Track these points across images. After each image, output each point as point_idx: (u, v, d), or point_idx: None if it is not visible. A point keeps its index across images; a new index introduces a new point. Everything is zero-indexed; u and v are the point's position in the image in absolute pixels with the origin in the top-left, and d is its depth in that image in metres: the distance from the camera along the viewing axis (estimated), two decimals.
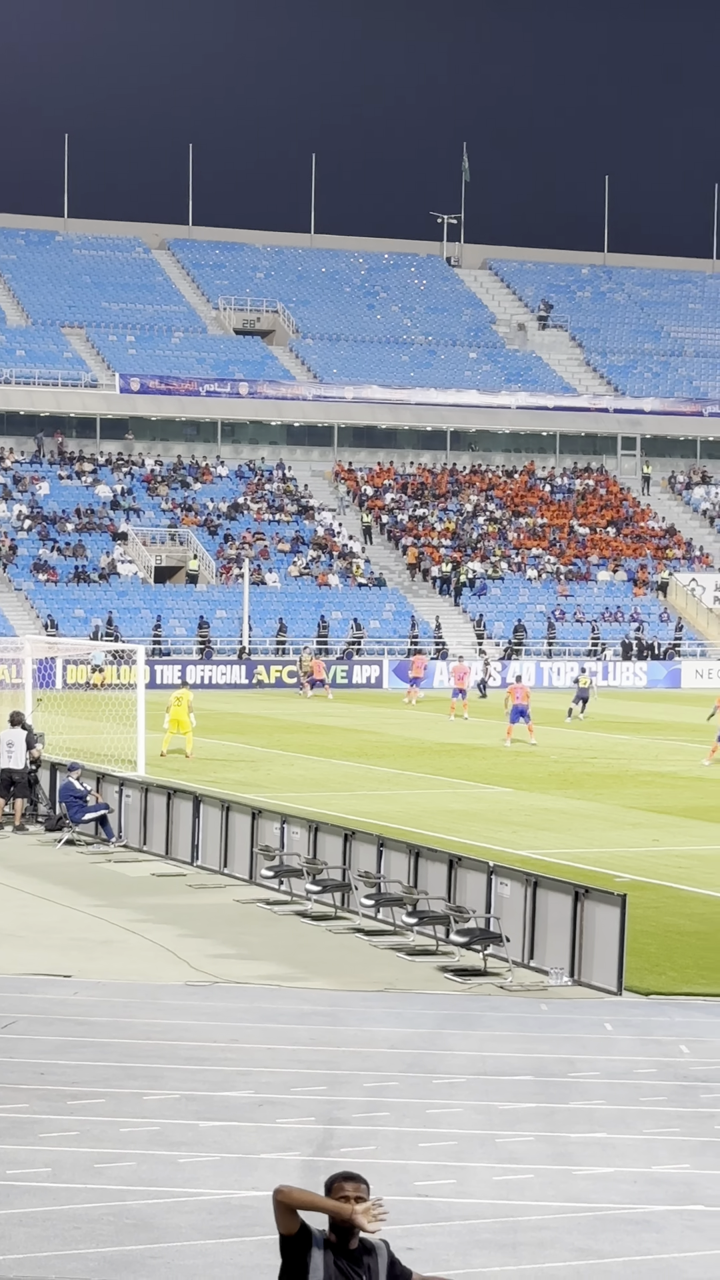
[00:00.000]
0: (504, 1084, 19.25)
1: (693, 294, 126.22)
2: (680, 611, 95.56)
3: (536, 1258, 14.27)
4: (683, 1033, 21.71)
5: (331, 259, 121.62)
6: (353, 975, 24.67)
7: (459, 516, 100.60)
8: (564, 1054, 20.62)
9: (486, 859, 26.97)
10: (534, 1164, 16.68)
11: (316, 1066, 19.84)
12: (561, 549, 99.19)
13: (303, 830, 29.81)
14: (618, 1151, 17.08)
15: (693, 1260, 14.25)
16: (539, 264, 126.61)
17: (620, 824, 38.73)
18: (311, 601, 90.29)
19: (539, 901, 24.71)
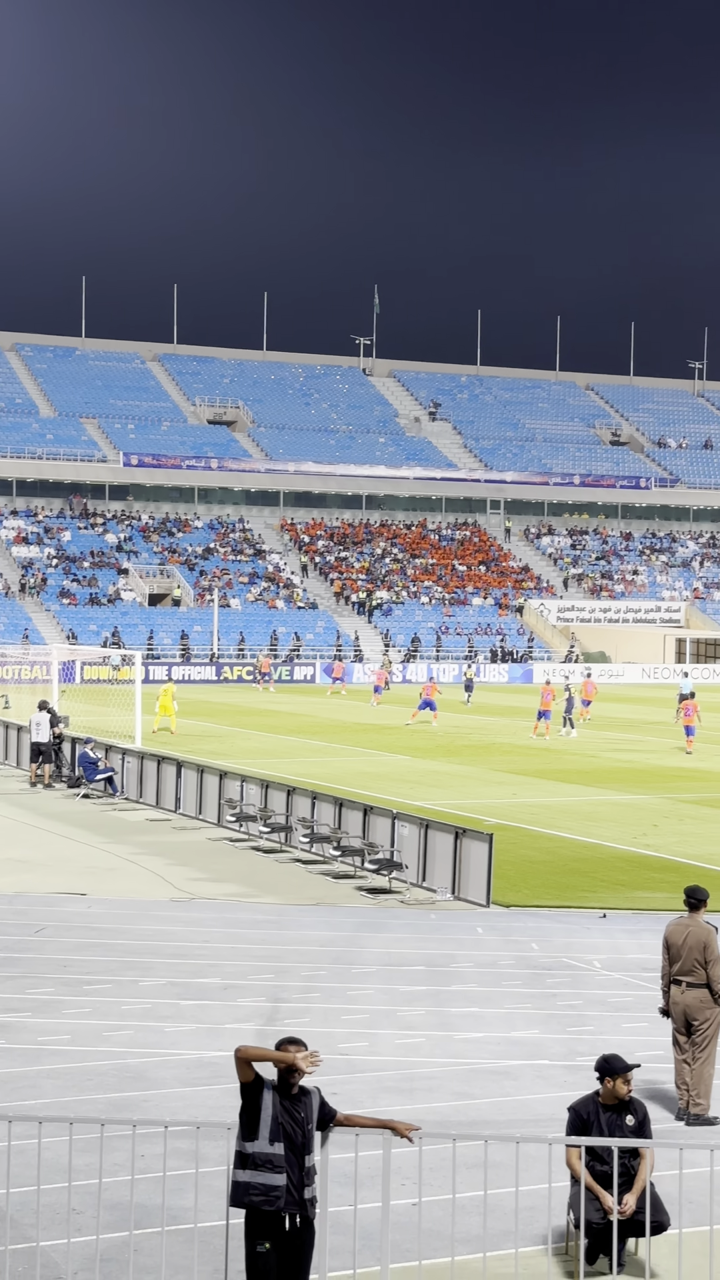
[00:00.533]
0: (403, 973, 19.24)
1: (541, 396, 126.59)
2: (532, 628, 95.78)
3: (427, 1100, 14.28)
4: (534, 934, 21.75)
5: (278, 369, 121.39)
6: (293, 893, 24.64)
7: (371, 558, 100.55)
8: (447, 950, 20.64)
9: (391, 808, 26.98)
10: (425, 1030, 16.68)
11: (266, 960, 19.79)
12: (446, 581, 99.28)
13: (257, 787, 29.75)
14: (486, 1021, 17.10)
15: (541, 1100, 14.28)
16: (430, 373, 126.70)
17: (489, 782, 38.79)
18: (264, 620, 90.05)
19: (429, 839, 24.73)
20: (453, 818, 29.28)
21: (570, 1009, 17.70)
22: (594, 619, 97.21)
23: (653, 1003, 17.96)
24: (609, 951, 20.68)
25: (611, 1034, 16.51)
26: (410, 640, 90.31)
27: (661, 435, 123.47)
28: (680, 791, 37.61)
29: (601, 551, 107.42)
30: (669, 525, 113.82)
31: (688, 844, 29.41)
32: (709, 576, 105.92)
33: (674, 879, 25.70)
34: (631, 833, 30.71)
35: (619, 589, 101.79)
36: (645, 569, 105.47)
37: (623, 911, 23.46)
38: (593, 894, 24.65)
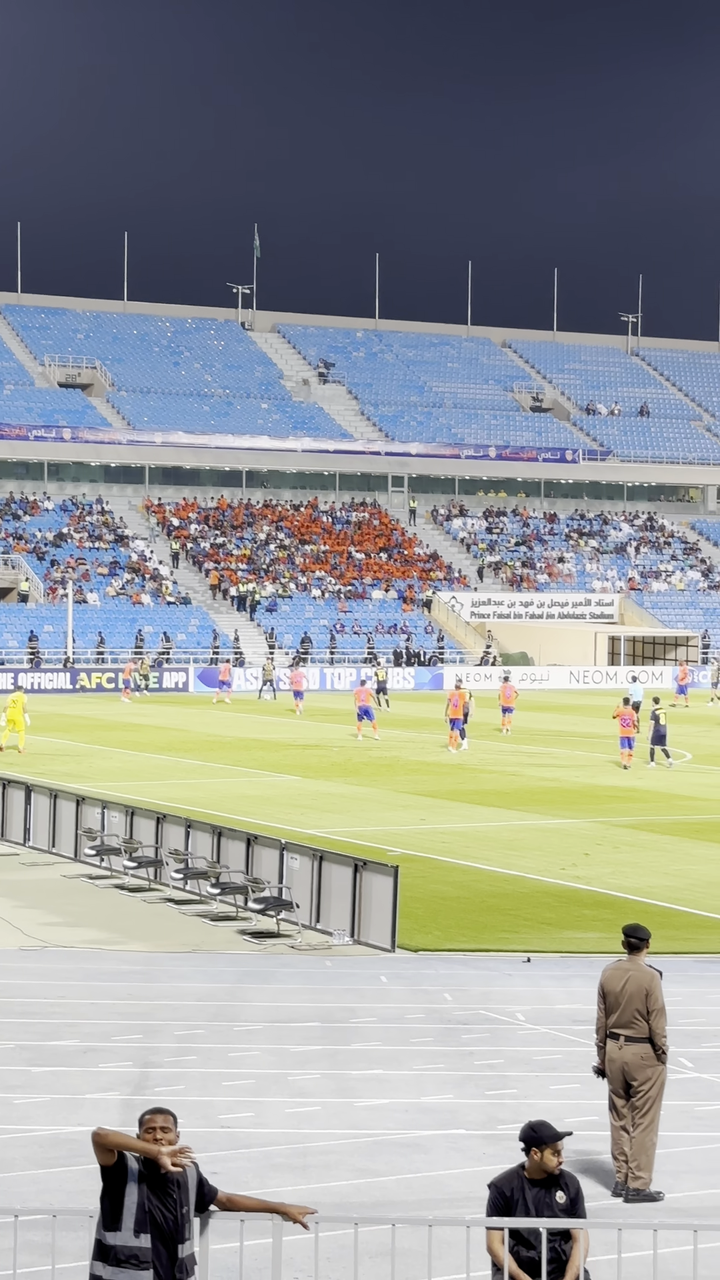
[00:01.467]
0: (295, 1030, 19.27)
1: (451, 354, 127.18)
2: (442, 625, 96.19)
3: (324, 1178, 14.31)
4: (446, 983, 21.85)
5: (142, 323, 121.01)
6: (165, 939, 24.58)
7: (253, 544, 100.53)
8: (346, 1003, 20.69)
9: (279, 837, 26.99)
10: (320, 1098, 16.71)
11: (133, 1018, 19.75)
12: (341, 572, 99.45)
13: (121, 815, 29.64)
14: (392, 1085, 17.16)
15: (456, 1176, 14.35)
16: (320, 328, 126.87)
17: (393, 806, 38.90)
18: (127, 618, 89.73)
19: (324, 873, 24.77)
20: (351, 848, 29.33)
21: (490, 1069, 17.80)
22: (514, 615, 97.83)
23: (585, 1060, 18.11)
24: (533, 1001, 20.81)
25: (538, 1097, 16.62)
26: (299, 640, 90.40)
27: (590, 400, 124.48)
28: (614, 815, 37.94)
29: (522, 536, 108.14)
30: (599, 505, 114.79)
31: (623, 875, 29.68)
32: (645, 564, 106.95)
33: (608, 916, 25.92)
34: (559, 863, 30.93)
35: (542, 580, 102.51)
36: (573, 556, 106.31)
37: (549, 954, 23.62)
38: (514, 935, 24.80)
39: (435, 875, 29.36)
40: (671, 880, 29.33)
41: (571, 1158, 12.87)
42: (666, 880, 29.31)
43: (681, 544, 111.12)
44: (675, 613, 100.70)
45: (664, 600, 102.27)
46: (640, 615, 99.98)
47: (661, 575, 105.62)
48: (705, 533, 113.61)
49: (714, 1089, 17.17)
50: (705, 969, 22.55)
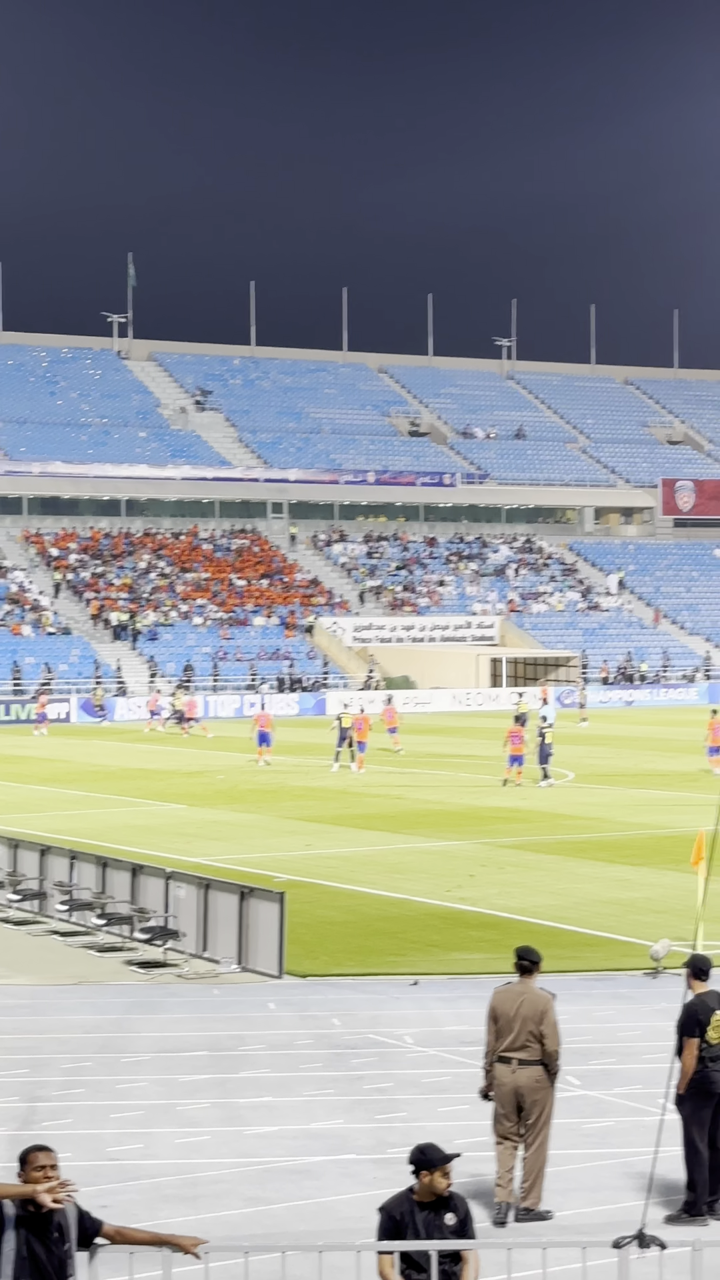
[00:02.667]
0: (183, 1059, 19.19)
1: (327, 381, 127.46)
2: (325, 650, 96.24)
3: (214, 1208, 14.25)
4: (335, 1008, 21.84)
5: (17, 353, 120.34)
6: (50, 972, 24.41)
7: (134, 573, 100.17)
8: (234, 1031, 20.63)
9: (164, 866, 26.90)
10: (210, 1127, 16.65)
11: (20, 1052, 19.58)
12: (222, 599, 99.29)
13: (4, 848, 29.41)
14: (281, 1112, 17.13)
15: (346, 1202, 14.34)
16: (197, 356, 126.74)
17: (278, 832, 38.87)
18: (7, 649, 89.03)
19: (210, 901, 24.70)
20: (237, 875, 29.26)
21: (379, 1093, 17.80)
22: (395, 639, 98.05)
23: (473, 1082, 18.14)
24: (422, 1024, 20.85)
25: (427, 1120, 16.64)
26: (183, 668, 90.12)
27: (467, 424, 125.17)
28: (499, 835, 38.11)
29: (402, 560, 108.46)
30: (478, 528, 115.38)
31: (508, 896, 29.81)
32: (525, 586, 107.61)
33: (494, 936, 26.03)
34: (444, 885, 31.01)
35: (423, 603, 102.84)
36: (453, 579, 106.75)
37: (436, 977, 23.67)
38: (402, 958, 24.83)
39: (322, 900, 29.35)
40: (556, 899, 29.49)
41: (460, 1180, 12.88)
42: (551, 899, 29.47)
43: (559, 565, 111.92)
44: (555, 633, 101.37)
45: (543, 621, 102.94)
46: (520, 636, 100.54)
47: (540, 597, 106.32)
48: (583, 554, 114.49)
49: (600, 1106, 17.28)
50: (590, 987, 22.69)
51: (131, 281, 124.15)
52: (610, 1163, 15.47)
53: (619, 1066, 18.75)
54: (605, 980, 23.31)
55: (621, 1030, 20.42)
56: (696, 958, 14.83)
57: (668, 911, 28.01)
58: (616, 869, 33.04)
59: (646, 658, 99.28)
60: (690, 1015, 14.29)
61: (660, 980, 23.12)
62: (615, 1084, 18.04)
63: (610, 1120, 16.82)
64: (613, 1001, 21.94)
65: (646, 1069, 18.42)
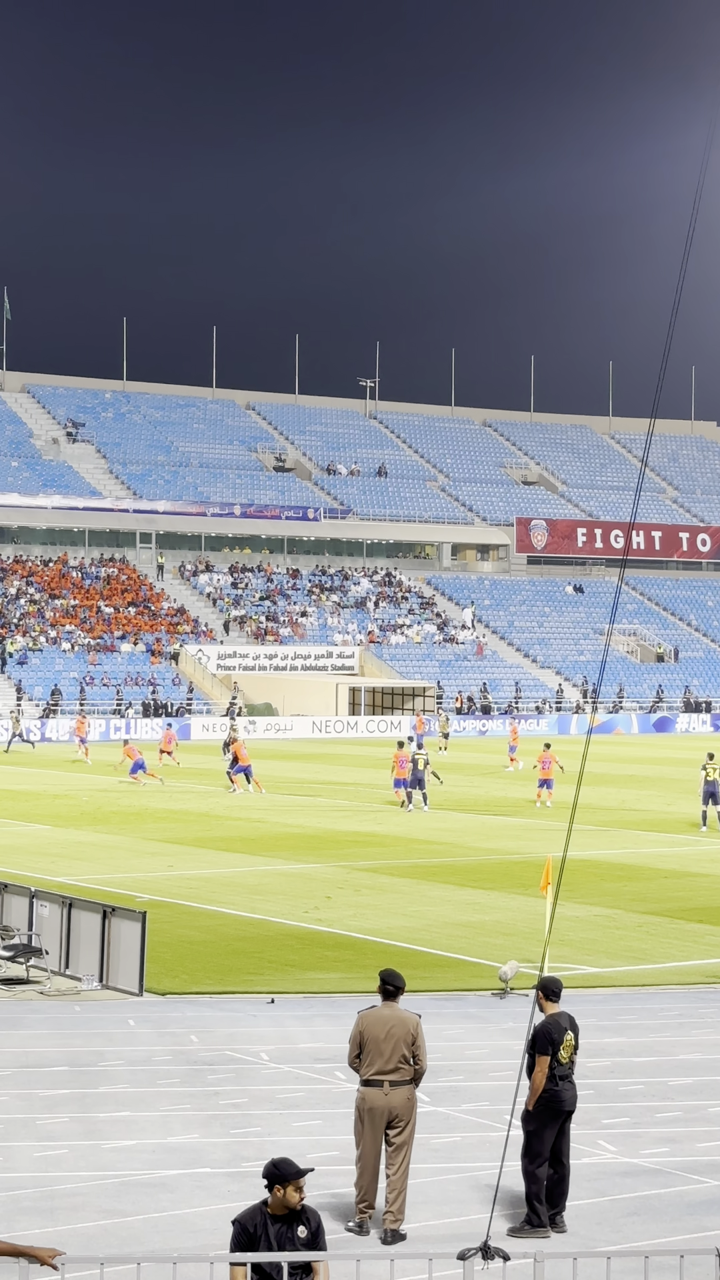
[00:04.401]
0: (43, 1074, 19.01)
1: (197, 416, 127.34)
2: (190, 676, 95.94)
3: (71, 1220, 14.13)
4: (193, 1025, 21.75)
5: None
6: None
7: (4, 598, 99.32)
8: (94, 1047, 20.47)
9: (29, 885, 26.64)
10: (68, 1140, 16.50)
11: None
12: (91, 625, 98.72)
13: None
14: (139, 1126, 17.02)
15: (202, 1215, 14.27)
16: (69, 389, 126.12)
17: (141, 853, 38.66)
18: None
19: (73, 919, 24.51)
20: (100, 894, 29.07)
21: (234, 1108, 17.74)
22: (259, 666, 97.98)
23: (326, 1098, 18.15)
24: (278, 1041, 20.80)
25: (281, 1134, 16.60)
26: (50, 693, 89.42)
27: (331, 461, 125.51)
28: (355, 859, 38.15)
29: (266, 591, 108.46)
30: (340, 561, 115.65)
31: (363, 917, 29.84)
32: (384, 618, 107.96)
33: (349, 956, 26.05)
34: (302, 906, 30.99)
35: (286, 633, 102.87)
36: (315, 610, 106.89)
37: (293, 995, 23.64)
38: (259, 976, 24.77)
39: (182, 920, 29.22)
40: (409, 921, 29.56)
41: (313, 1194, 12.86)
42: (404, 921, 29.53)
43: (418, 599, 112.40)
44: (412, 664, 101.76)
45: (401, 653, 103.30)
46: (379, 667, 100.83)
47: (399, 629, 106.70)
48: (440, 588, 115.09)
49: (449, 1122, 17.32)
50: (441, 1006, 22.74)
51: (6, 314, 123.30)
52: (457, 1176, 15.51)
53: (467, 1084, 18.81)
54: (455, 1000, 23.38)
55: (470, 1049, 20.49)
56: (548, 979, 14.91)
57: (516, 934, 28.16)
58: (467, 892, 33.18)
59: (499, 689, 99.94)
60: (543, 1034, 14.36)
61: (508, 1000, 23.23)
62: (463, 1100, 18.10)
63: (458, 1135, 16.86)
64: (462, 1020, 22.02)
65: (493, 1086, 18.49)
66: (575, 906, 30.82)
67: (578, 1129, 15.08)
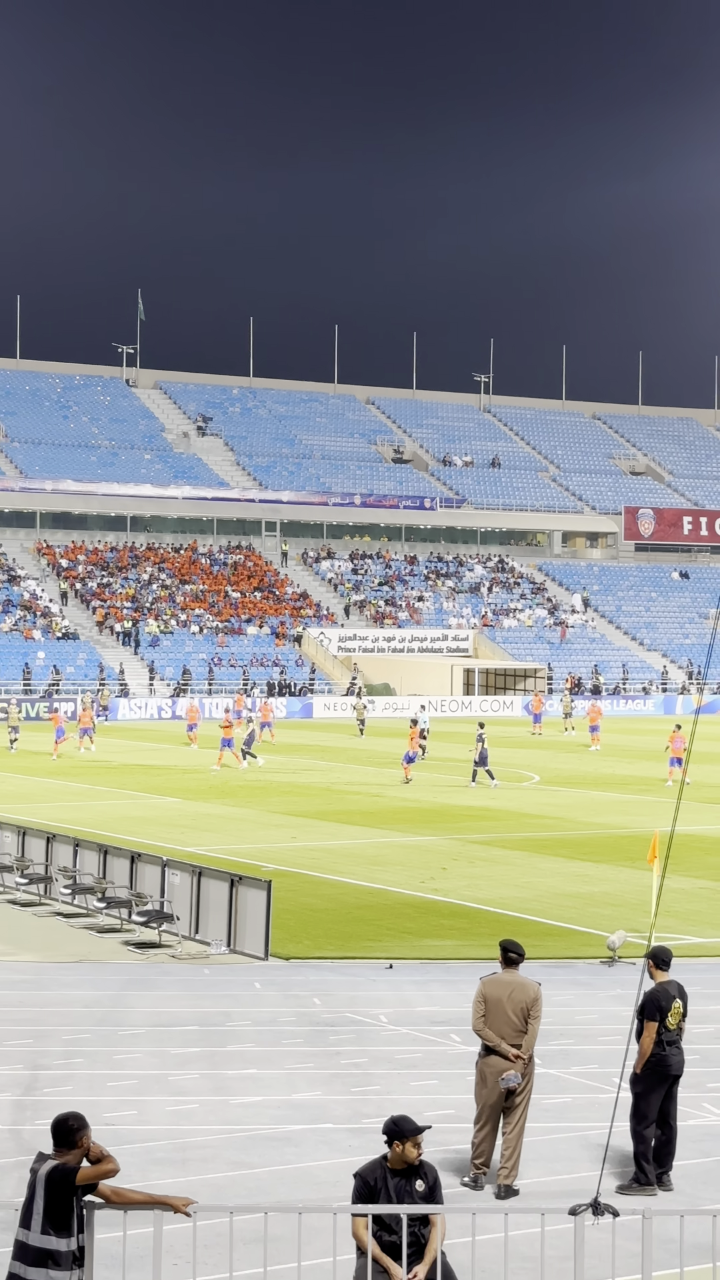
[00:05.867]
0: (175, 1033, 19.14)
1: (319, 410, 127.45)
2: (312, 658, 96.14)
3: (201, 1171, 14.21)
4: (316, 988, 21.81)
5: (34, 379, 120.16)
6: (54, 950, 24.34)
7: (137, 584, 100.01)
8: (223, 1008, 20.58)
9: (161, 855, 26.83)
10: (199, 1096, 16.60)
11: (24, 1024, 19.52)
12: (219, 609, 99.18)
13: (13, 834, 29.34)
14: (265, 1083, 17.09)
15: (324, 1168, 14.31)
16: (199, 385, 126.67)
17: (266, 825, 38.81)
18: (19, 651, 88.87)
19: (203, 887, 24.66)
20: (228, 864, 29.22)
21: (355, 1067, 17.76)
22: (377, 648, 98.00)
23: (443, 1059, 18.13)
24: (396, 1004, 20.81)
25: (399, 1093, 16.60)
26: (180, 673, 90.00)
27: (446, 452, 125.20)
28: (469, 832, 38.09)
29: (384, 576, 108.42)
30: (455, 548, 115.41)
31: (477, 888, 29.78)
32: (497, 603, 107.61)
33: (463, 925, 26.02)
34: (418, 877, 30.98)
35: (403, 617, 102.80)
36: (431, 595, 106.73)
37: (410, 961, 23.64)
38: (378, 943, 24.80)
39: (305, 889, 29.30)
40: (520, 891, 29.47)
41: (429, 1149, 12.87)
42: (516, 891, 29.45)
43: (529, 584, 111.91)
44: (523, 647, 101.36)
45: (513, 636, 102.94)
46: (492, 649, 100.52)
47: (511, 613, 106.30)
48: (551, 574, 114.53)
49: (560, 1083, 17.25)
50: (551, 973, 22.63)
51: (140, 315, 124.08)
52: (567, 1135, 15.45)
53: (577, 1047, 18.73)
54: (564, 967, 23.29)
55: (579, 1014, 20.40)
56: (659, 948, 14.80)
57: (623, 905, 28.00)
58: (577, 865, 33.03)
59: (607, 671, 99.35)
60: (652, 1001, 14.27)
61: (615, 969, 23.11)
62: (573, 1063, 18.02)
63: (568, 1097, 16.80)
64: (571, 987, 21.92)
65: (602, 1050, 18.40)
66: (681, 879, 30.59)
67: (685, 1092, 14.97)
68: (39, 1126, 15.03)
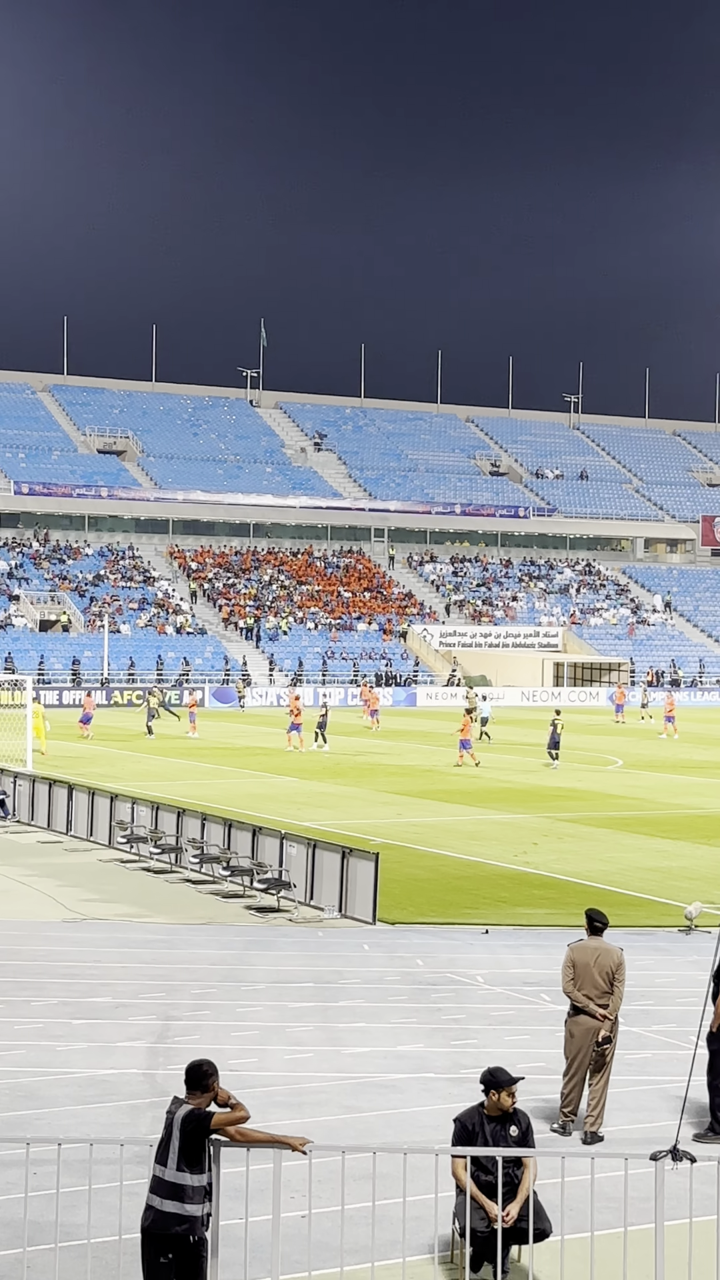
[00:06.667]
0: (291, 989, 19.19)
1: (424, 428, 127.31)
2: (416, 652, 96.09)
3: (315, 1114, 14.24)
4: (419, 950, 21.79)
5: (167, 400, 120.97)
6: (183, 913, 24.49)
7: (259, 585, 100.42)
8: (335, 967, 20.61)
9: (279, 829, 26.92)
10: (313, 1046, 16.64)
11: (157, 979, 19.66)
12: (332, 608, 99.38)
13: (147, 809, 29.56)
14: (373, 1036, 17.09)
15: (427, 1113, 14.29)
16: (315, 405, 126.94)
17: (374, 803, 38.82)
18: (153, 645, 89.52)
19: (317, 858, 24.71)
20: (339, 837, 29.26)
21: (454, 1023, 17.73)
22: (475, 644, 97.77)
23: (534, 1016, 18.05)
24: (491, 966, 20.75)
25: (495, 1047, 16.55)
26: (297, 664, 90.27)
27: (539, 466, 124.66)
28: (559, 811, 37.90)
29: (482, 578, 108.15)
30: (546, 553, 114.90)
31: (566, 861, 29.62)
32: (585, 602, 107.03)
33: (553, 895, 25.89)
34: (512, 851, 30.87)
35: (499, 615, 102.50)
36: (524, 595, 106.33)
37: (504, 927, 23.56)
38: (475, 911, 24.73)
39: (409, 861, 29.29)
40: (605, 865, 29.28)
41: (521, 1099, 12.82)
42: (601, 865, 29.26)
43: (614, 586, 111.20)
44: (608, 643, 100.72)
45: (599, 633, 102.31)
46: (579, 645, 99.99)
47: (597, 612, 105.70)
48: (634, 577, 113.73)
49: (640, 1040, 17.12)
50: (632, 940, 22.44)
51: (263, 341, 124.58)
52: (648, 1088, 15.33)
53: (657, 1008, 18.58)
54: (645, 935, 23.10)
55: (658, 977, 20.23)
56: None
57: (701, 879, 27.74)
58: (657, 842, 32.77)
59: (685, 665, 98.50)
60: None
61: (692, 937, 22.90)
62: (653, 1022, 17.88)
63: (648, 1052, 16.67)
64: (651, 953, 21.75)
65: (680, 1010, 18.24)
66: None
67: None
68: (170, 1071, 15.14)
